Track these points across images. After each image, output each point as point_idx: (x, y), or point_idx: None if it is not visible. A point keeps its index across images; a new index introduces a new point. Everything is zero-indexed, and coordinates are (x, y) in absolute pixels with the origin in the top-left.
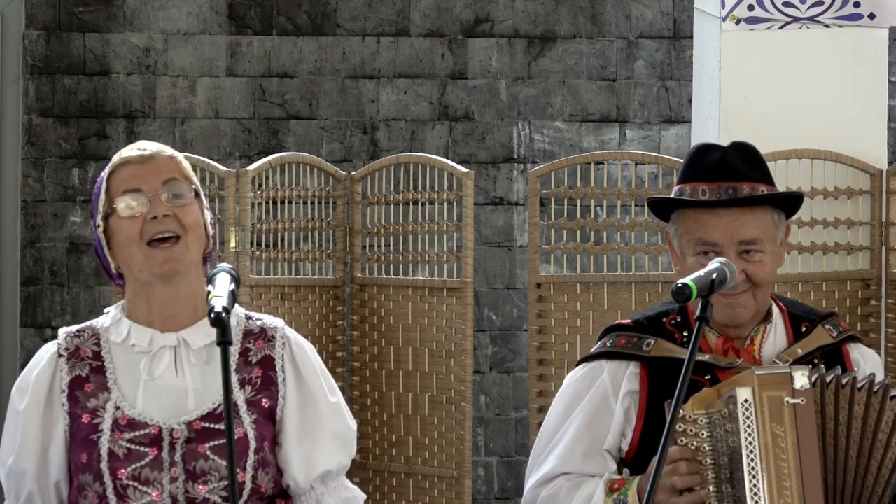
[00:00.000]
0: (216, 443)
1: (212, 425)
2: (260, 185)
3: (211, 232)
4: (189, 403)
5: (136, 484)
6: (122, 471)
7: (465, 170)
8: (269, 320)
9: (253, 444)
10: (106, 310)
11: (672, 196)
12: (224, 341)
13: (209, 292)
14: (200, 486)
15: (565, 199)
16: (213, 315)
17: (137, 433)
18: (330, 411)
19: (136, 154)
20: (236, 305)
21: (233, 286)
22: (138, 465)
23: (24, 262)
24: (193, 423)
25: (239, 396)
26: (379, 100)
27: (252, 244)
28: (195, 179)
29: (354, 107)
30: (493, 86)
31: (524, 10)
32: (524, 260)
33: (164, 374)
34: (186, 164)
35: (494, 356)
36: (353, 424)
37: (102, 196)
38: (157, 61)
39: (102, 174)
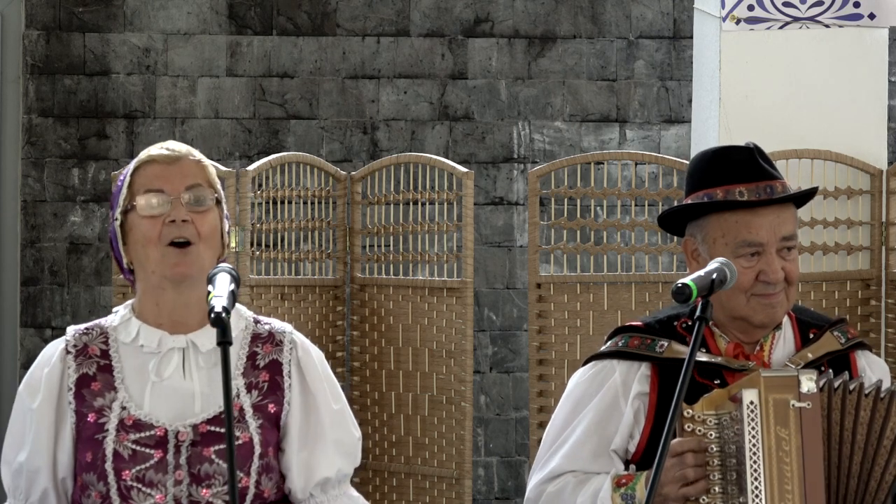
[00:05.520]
0: (221, 447)
1: (217, 429)
2: (260, 185)
3: (227, 241)
4: (195, 406)
5: (139, 485)
6: (127, 472)
7: (465, 170)
8: (278, 325)
9: (258, 450)
10: (115, 309)
11: (692, 202)
12: (224, 341)
13: (209, 292)
14: (204, 490)
15: (565, 199)
16: (212, 315)
17: (143, 434)
18: (331, 419)
19: (163, 154)
20: (245, 309)
21: (233, 286)
22: (143, 466)
23: (24, 262)
24: (199, 426)
25: (245, 401)
26: (379, 100)
27: (252, 244)
28: (219, 187)
29: (354, 107)
30: (493, 86)
31: (524, 10)
32: (524, 260)
33: (172, 376)
34: (212, 171)
35: (494, 356)
36: (357, 433)
37: (124, 191)
38: (157, 61)
39: (127, 168)
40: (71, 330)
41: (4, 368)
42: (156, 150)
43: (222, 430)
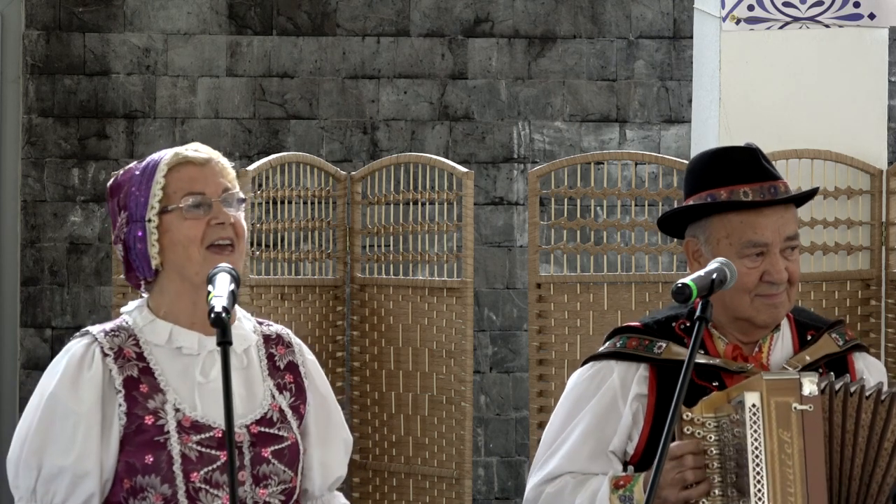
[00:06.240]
0: (276, 447)
1: (267, 430)
2: (260, 185)
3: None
4: (239, 408)
5: (207, 487)
6: (195, 474)
7: (465, 170)
8: (277, 326)
9: (301, 449)
10: (123, 309)
11: (695, 203)
12: (224, 341)
13: (209, 292)
14: (262, 490)
15: (565, 199)
16: (213, 315)
17: (204, 436)
18: (339, 419)
19: (194, 155)
20: (244, 310)
21: (233, 286)
22: (210, 468)
23: (24, 262)
24: (250, 426)
25: (282, 401)
26: (379, 100)
27: (252, 244)
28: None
29: (354, 107)
30: (493, 86)
31: (524, 10)
32: (524, 260)
33: (217, 378)
34: (234, 173)
35: (494, 356)
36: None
37: (158, 191)
38: (157, 61)
39: (151, 167)
40: (97, 330)
41: (4, 368)
42: (183, 150)
43: (272, 431)
